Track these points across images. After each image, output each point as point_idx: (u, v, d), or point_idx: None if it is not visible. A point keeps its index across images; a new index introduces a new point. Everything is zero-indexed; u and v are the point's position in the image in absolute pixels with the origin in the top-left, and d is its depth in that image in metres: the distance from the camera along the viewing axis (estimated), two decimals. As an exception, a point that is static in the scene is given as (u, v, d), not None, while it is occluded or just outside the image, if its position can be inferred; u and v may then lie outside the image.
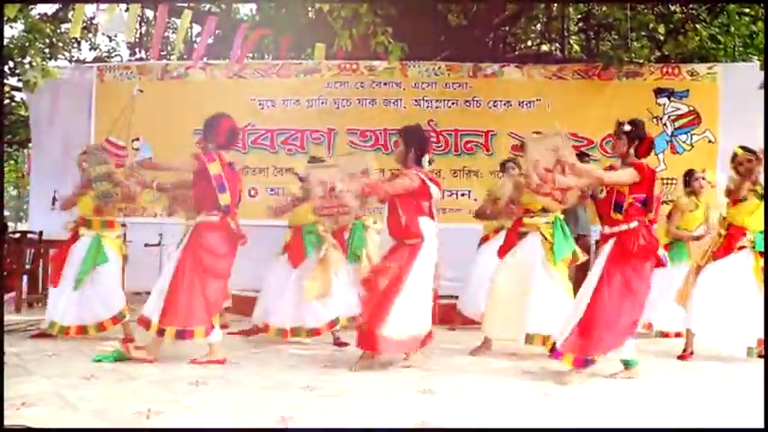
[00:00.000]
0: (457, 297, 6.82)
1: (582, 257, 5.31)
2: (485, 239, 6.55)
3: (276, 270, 5.77)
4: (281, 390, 3.82)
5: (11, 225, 13.65)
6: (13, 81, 10.95)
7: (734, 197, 5.12)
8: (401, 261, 4.45)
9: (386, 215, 4.63)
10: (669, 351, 5.35)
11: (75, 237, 5.53)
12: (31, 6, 6.95)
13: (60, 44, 8.59)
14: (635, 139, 4.26)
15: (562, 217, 5.24)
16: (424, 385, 3.92)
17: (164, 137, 8.22)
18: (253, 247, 6.63)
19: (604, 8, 9.89)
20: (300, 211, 5.78)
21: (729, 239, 5.09)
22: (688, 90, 8.47)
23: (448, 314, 6.62)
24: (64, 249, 5.58)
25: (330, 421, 3.23)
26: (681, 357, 5.06)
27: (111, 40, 13.90)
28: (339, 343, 5.49)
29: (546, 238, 5.11)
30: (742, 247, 5.04)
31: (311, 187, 5.39)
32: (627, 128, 4.25)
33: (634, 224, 4.15)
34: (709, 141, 8.27)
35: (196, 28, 11.46)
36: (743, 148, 5.07)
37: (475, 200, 8.49)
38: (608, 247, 4.23)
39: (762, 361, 4.65)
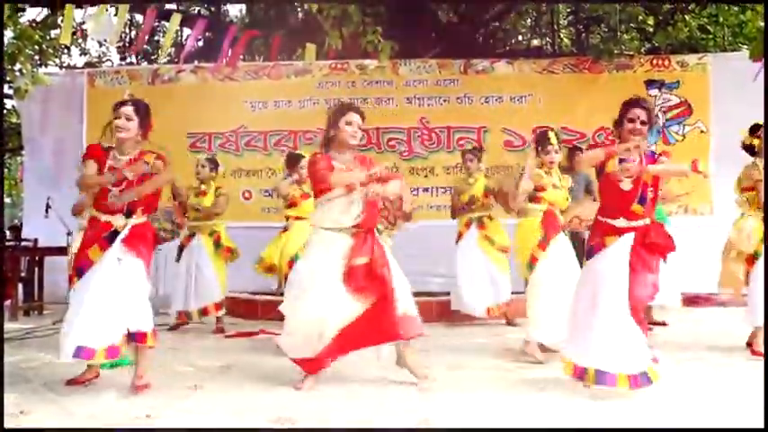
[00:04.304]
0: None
1: None
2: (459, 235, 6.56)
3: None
4: (279, 391, 3.83)
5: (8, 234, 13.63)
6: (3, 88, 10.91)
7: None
8: None
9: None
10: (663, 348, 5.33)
11: None
12: (20, 13, 6.91)
13: (50, 50, 8.55)
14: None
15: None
16: (424, 384, 3.91)
17: (156, 141, 8.18)
18: (247, 249, 6.68)
19: (593, 1, 9.91)
20: (307, 205, 5.66)
21: None
22: (679, 81, 8.50)
23: (445, 311, 6.63)
24: None
25: (329, 422, 3.23)
26: (754, 353, 4.84)
27: (101, 45, 13.87)
28: None
29: None
30: None
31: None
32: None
33: (648, 220, 3.78)
34: (701, 131, 8.30)
35: (188, 33, 11.44)
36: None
37: (469, 196, 8.52)
38: (625, 244, 3.72)
39: (761, 360, 4.61)
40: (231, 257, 6.44)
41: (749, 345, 4.93)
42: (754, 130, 5.10)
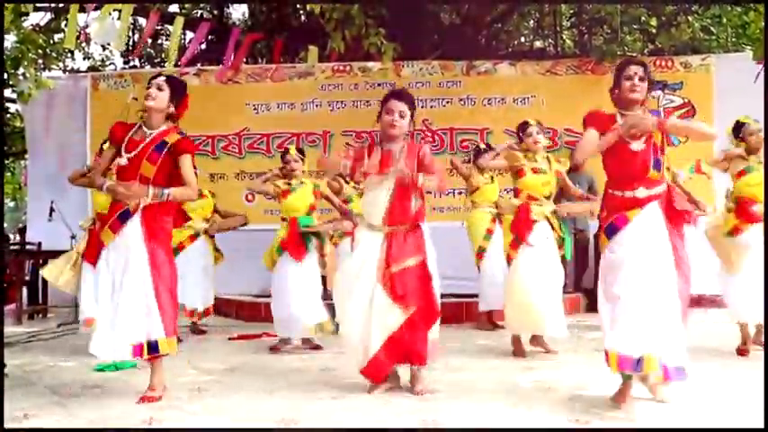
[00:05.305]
0: (458, 296, 6.85)
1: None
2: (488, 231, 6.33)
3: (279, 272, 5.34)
4: (282, 393, 3.83)
5: (10, 237, 13.72)
6: (7, 92, 10.95)
7: (741, 169, 4.90)
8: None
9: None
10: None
11: None
12: (23, 17, 6.94)
13: (54, 54, 8.59)
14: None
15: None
16: (425, 385, 3.91)
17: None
18: (250, 251, 6.68)
19: (596, 2, 9.89)
20: (295, 201, 5.43)
21: (741, 214, 4.82)
22: (682, 82, 8.49)
23: (453, 313, 6.60)
24: None
25: (331, 423, 3.24)
26: (740, 352, 4.88)
27: (104, 48, 13.90)
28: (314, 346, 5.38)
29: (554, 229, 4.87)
30: (757, 220, 4.70)
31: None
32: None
33: (666, 185, 3.46)
34: (705, 132, 8.27)
35: (191, 37, 11.46)
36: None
37: (472, 198, 8.52)
38: (653, 215, 3.35)
39: (762, 360, 4.59)
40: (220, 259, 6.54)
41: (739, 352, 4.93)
42: (736, 130, 5.09)
